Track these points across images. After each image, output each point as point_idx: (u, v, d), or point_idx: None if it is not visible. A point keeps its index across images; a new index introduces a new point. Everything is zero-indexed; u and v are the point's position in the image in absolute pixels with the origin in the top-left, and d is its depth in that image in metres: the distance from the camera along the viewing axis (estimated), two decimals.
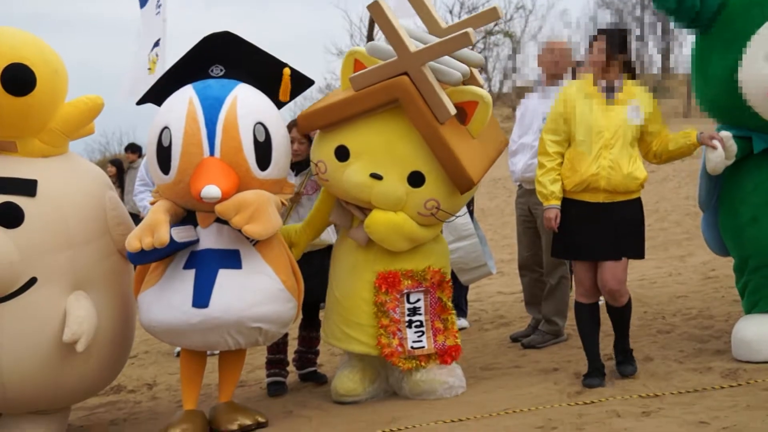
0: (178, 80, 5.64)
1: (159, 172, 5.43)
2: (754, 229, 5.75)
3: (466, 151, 5.47)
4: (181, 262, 5.36)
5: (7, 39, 5.21)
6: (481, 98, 5.52)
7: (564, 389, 5.57)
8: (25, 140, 5.38)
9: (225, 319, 5.21)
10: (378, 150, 5.52)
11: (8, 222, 5.10)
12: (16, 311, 5.14)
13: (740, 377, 5.36)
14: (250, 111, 5.41)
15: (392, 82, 5.37)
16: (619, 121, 5.40)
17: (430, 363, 5.68)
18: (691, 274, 9.00)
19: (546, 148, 5.53)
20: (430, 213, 5.56)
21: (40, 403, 5.41)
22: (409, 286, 5.71)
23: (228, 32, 5.66)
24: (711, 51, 5.80)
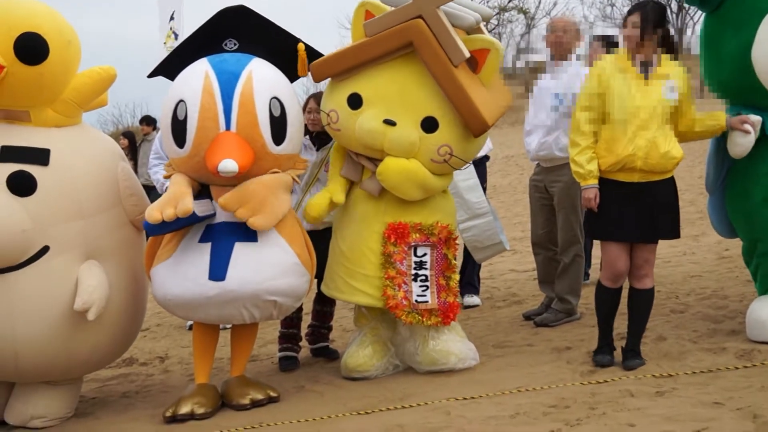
0: (191, 54, 5.62)
1: (173, 145, 5.42)
2: (765, 209, 5.71)
3: (479, 96, 5.49)
4: (197, 235, 5.36)
5: (21, 9, 5.22)
6: (493, 45, 5.58)
7: (577, 368, 5.57)
8: (39, 110, 5.40)
9: (241, 292, 5.22)
10: (391, 96, 5.55)
11: (21, 190, 5.14)
12: (29, 279, 5.18)
13: (755, 358, 5.36)
14: (265, 86, 5.41)
15: (407, 24, 5.40)
16: (655, 100, 5.31)
17: (432, 319, 5.67)
18: (705, 254, 9.00)
19: (580, 126, 5.43)
20: (443, 159, 5.58)
21: (52, 372, 5.44)
22: (417, 239, 5.73)
23: (243, 6, 5.63)
24: (722, 31, 5.77)
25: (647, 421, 4.44)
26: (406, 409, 5.10)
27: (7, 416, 5.57)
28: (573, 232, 6.80)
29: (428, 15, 5.35)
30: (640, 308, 5.55)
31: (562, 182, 6.75)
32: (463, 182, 6.95)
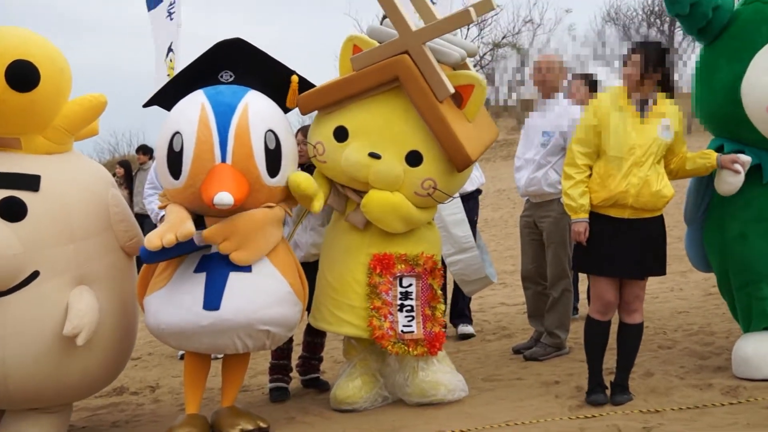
0: (187, 85, 5.65)
1: (169, 176, 5.43)
2: (741, 245, 5.76)
3: (463, 131, 5.51)
4: (192, 265, 5.36)
5: (13, 37, 5.28)
6: (477, 81, 5.60)
7: (565, 402, 5.57)
8: (29, 137, 5.43)
9: (236, 321, 5.21)
10: (376, 130, 5.57)
11: (11, 216, 5.15)
12: (20, 304, 5.17)
13: (740, 395, 5.37)
14: (261, 118, 5.43)
15: (393, 60, 5.43)
16: (651, 138, 5.34)
17: (418, 349, 5.66)
18: (693, 290, 9.01)
19: (575, 159, 5.44)
20: (427, 193, 5.58)
21: (42, 398, 5.41)
22: (403, 270, 5.73)
23: (239, 39, 5.67)
24: (717, 62, 5.82)
25: None
26: None
27: None
28: (562, 266, 6.81)
29: (414, 51, 5.39)
30: (630, 343, 5.55)
31: (552, 217, 6.78)
32: (449, 216, 6.98)
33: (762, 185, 5.65)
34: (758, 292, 5.75)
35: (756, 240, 5.70)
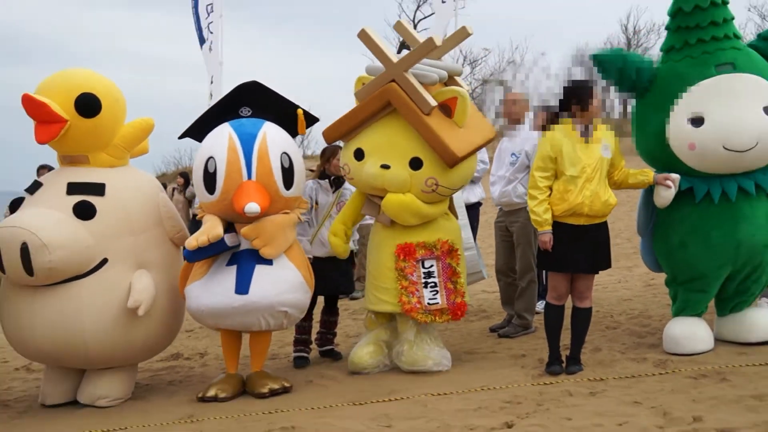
0: (215, 119, 5.70)
1: (205, 192, 5.50)
2: (682, 251, 5.72)
3: (450, 135, 5.53)
4: (225, 260, 5.45)
5: (79, 75, 5.48)
6: (459, 93, 5.63)
7: (529, 372, 5.56)
8: (95, 154, 5.57)
9: (261, 303, 5.28)
10: (384, 146, 5.64)
11: (84, 216, 5.29)
12: (94, 285, 5.29)
13: (668, 366, 5.35)
14: (276, 143, 5.52)
15: (384, 88, 5.54)
16: (596, 158, 5.33)
17: (443, 317, 5.72)
18: (636, 282, 8.95)
19: (537, 183, 5.39)
20: (432, 189, 5.62)
21: (113, 359, 5.51)
22: (423, 254, 5.76)
23: (256, 81, 5.76)
24: (646, 112, 5.79)
25: (581, 416, 4.44)
26: (392, 402, 5.09)
27: (78, 397, 5.63)
28: (528, 262, 6.77)
29: (398, 78, 5.50)
30: (581, 324, 5.53)
31: (520, 222, 6.75)
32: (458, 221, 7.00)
33: (695, 204, 5.60)
34: (695, 287, 5.73)
35: (693, 247, 5.64)
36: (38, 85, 5.41)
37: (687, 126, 5.48)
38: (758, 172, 5.58)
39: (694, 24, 5.59)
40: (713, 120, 5.42)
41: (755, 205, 5.58)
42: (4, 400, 6.10)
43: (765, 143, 5.44)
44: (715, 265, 5.62)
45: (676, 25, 5.71)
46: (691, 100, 5.49)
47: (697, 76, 5.51)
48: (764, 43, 5.75)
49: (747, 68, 5.52)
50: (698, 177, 5.58)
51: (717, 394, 4.65)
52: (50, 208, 5.27)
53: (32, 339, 5.35)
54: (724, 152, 5.43)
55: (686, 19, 5.62)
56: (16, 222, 5.11)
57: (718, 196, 5.54)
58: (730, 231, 5.55)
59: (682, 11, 5.64)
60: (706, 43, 5.58)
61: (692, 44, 5.61)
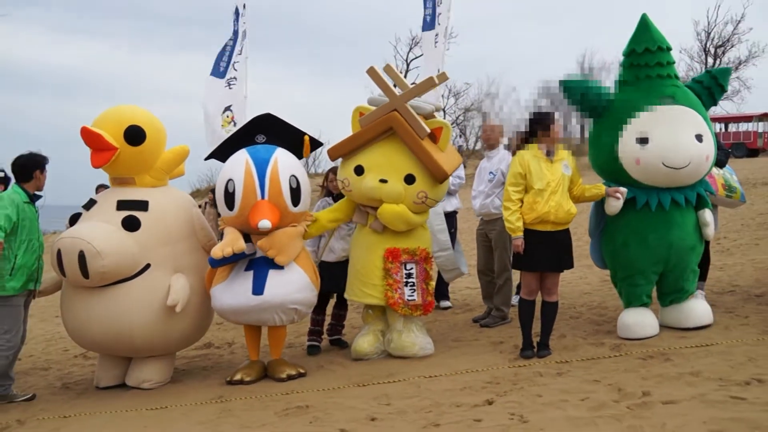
0: (235, 144, 5.72)
1: (225, 209, 5.52)
2: (624, 250, 5.78)
3: (439, 157, 5.62)
4: (243, 266, 5.48)
5: (127, 110, 5.51)
6: (444, 124, 5.78)
7: (506, 356, 5.58)
8: (140, 176, 5.61)
9: (274, 302, 5.31)
10: (382, 163, 5.67)
11: (131, 228, 5.35)
12: (139, 286, 5.33)
13: (622, 350, 5.38)
14: (286, 167, 5.52)
15: (387, 116, 5.62)
16: (558, 174, 5.40)
17: (417, 311, 5.75)
18: (594, 278, 8.95)
19: (510, 196, 5.43)
20: (422, 201, 5.68)
21: (155, 348, 5.55)
22: (406, 258, 5.80)
23: (269, 113, 5.80)
24: (601, 132, 5.85)
25: (550, 393, 4.48)
26: (391, 384, 5.11)
27: (127, 380, 5.67)
28: (504, 263, 6.78)
29: (400, 108, 5.59)
30: (549, 315, 5.57)
31: (497, 230, 6.77)
32: (436, 226, 6.99)
33: (636, 211, 5.66)
34: (635, 281, 5.77)
35: (633, 247, 5.70)
36: (94, 119, 5.45)
37: (635, 144, 5.56)
38: (688, 189, 5.70)
39: (644, 63, 5.70)
40: (656, 141, 5.52)
41: (685, 214, 5.69)
42: (66, 383, 6.13)
43: (696, 163, 5.58)
44: (650, 262, 5.68)
45: (629, 63, 5.81)
46: (639, 124, 5.58)
47: (645, 104, 5.62)
48: (697, 85, 5.90)
49: (684, 102, 5.66)
50: (640, 188, 5.66)
51: (662, 372, 4.70)
52: (103, 222, 5.31)
53: (88, 332, 5.39)
54: (664, 168, 5.52)
55: (638, 59, 5.74)
56: (74, 233, 5.17)
57: (654, 205, 5.62)
58: (664, 234, 5.63)
59: (634, 52, 5.75)
60: (653, 79, 5.69)
61: (641, 79, 5.71)
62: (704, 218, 5.75)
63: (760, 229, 11.81)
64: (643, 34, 5.73)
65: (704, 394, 4.16)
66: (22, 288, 5.45)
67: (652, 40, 5.70)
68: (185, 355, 6.67)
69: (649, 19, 5.78)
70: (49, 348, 7.86)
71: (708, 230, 5.78)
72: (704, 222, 5.75)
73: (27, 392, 5.73)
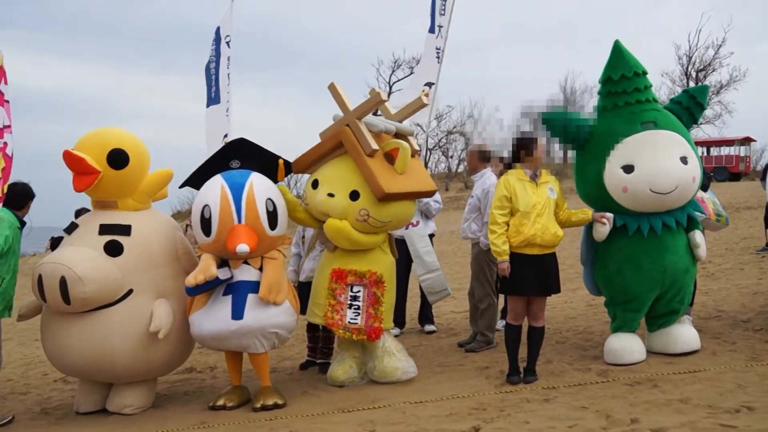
0: (210, 171, 5.67)
1: (202, 235, 5.44)
2: (618, 276, 5.79)
3: (384, 175, 5.56)
4: (221, 291, 5.39)
5: (111, 133, 5.47)
6: (401, 145, 5.67)
7: (492, 382, 5.56)
8: (123, 199, 5.55)
9: (254, 326, 5.25)
10: (333, 178, 5.67)
11: (113, 253, 5.28)
12: (121, 312, 5.25)
13: (609, 376, 5.38)
14: (262, 191, 5.46)
15: (339, 130, 5.66)
16: (544, 197, 5.42)
17: (360, 336, 5.65)
18: (579, 302, 8.97)
19: (496, 219, 5.43)
20: (363, 219, 5.58)
21: (137, 374, 5.47)
22: (353, 280, 5.72)
23: (243, 138, 5.78)
24: (585, 162, 5.88)
25: (537, 420, 4.46)
26: (375, 410, 5.07)
27: (107, 405, 5.59)
28: (484, 288, 6.76)
29: (351, 124, 5.61)
30: (536, 340, 5.55)
31: (473, 255, 6.80)
32: (422, 248, 7.02)
33: (628, 237, 5.68)
34: (630, 307, 5.79)
35: (627, 273, 5.72)
36: (77, 142, 5.41)
37: (620, 173, 5.60)
38: (677, 211, 5.73)
39: (622, 90, 5.75)
40: (641, 168, 5.56)
41: (676, 237, 5.72)
42: (45, 408, 6.03)
43: (683, 186, 5.62)
44: (646, 287, 5.70)
45: (607, 90, 5.85)
46: (623, 152, 5.61)
47: (627, 131, 5.65)
48: (676, 106, 5.95)
49: (665, 125, 5.70)
50: (629, 215, 5.69)
51: (650, 398, 4.70)
52: (85, 246, 5.25)
53: (68, 357, 5.32)
54: (651, 194, 5.56)
55: (615, 86, 5.78)
56: (56, 258, 5.11)
57: (647, 231, 5.64)
58: (658, 259, 5.65)
59: (611, 79, 5.79)
60: (632, 105, 5.73)
61: (621, 106, 5.75)
62: (695, 239, 5.79)
63: (744, 254, 11.92)
64: (618, 61, 5.77)
65: (693, 421, 4.16)
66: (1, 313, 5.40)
67: (627, 66, 5.74)
68: (167, 380, 6.59)
69: (623, 45, 5.82)
70: (28, 372, 7.73)
71: (700, 251, 5.81)
72: (695, 243, 5.79)
73: (5, 416, 5.63)
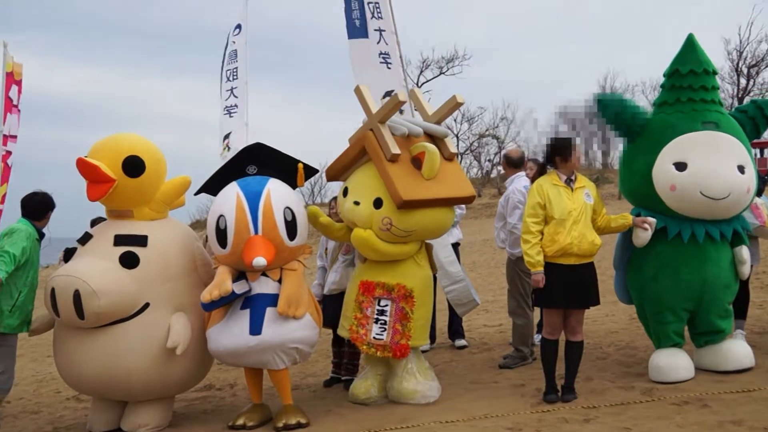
0: (226, 177, 5.69)
1: (218, 247, 5.46)
2: (653, 284, 5.73)
3: (405, 182, 5.48)
4: (239, 305, 5.39)
5: (125, 139, 5.49)
6: (426, 148, 5.55)
7: (528, 401, 5.49)
8: (139, 209, 5.57)
9: (273, 341, 5.24)
10: (360, 186, 5.68)
11: (129, 264, 5.29)
12: (138, 326, 5.27)
13: (654, 394, 5.30)
14: (280, 199, 5.46)
15: (362, 134, 5.70)
16: (580, 203, 5.36)
17: (384, 353, 5.58)
18: (621, 315, 8.86)
19: (529, 228, 5.37)
20: (386, 228, 5.53)
21: (153, 392, 5.47)
22: (381, 294, 5.68)
23: (259, 143, 5.80)
24: (635, 154, 5.82)
25: None
26: (404, 429, 5.04)
27: (122, 425, 5.59)
28: (517, 301, 6.73)
29: (374, 128, 5.62)
30: (574, 355, 5.48)
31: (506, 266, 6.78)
32: (445, 258, 6.98)
33: (667, 241, 5.63)
34: (664, 319, 5.71)
35: (663, 281, 5.66)
36: (90, 148, 5.46)
37: (671, 169, 5.53)
38: (723, 223, 5.65)
39: (687, 85, 5.71)
40: (695, 167, 5.49)
41: (720, 250, 5.66)
42: (57, 427, 6.09)
43: (736, 195, 5.53)
44: (681, 298, 5.64)
45: (671, 84, 5.81)
46: (678, 148, 5.56)
47: (685, 128, 5.61)
48: (741, 114, 5.92)
49: (727, 130, 5.65)
50: (672, 218, 5.63)
51: (699, 419, 4.61)
52: (99, 258, 5.29)
53: (82, 374, 5.35)
54: (701, 197, 5.48)
55: (681, 80, 5.74)
56: (69, 271, 5.14)
57: (687, 237, 5.58)
58: (698, 269, 5.59)
59: (678, 72, 5.75)
60: (696, 102, 5.69)
61: (683, 101, 5.71)
62: (741, 256, 5.71)
63: None
64: (689, 55, 5.74)
65: None
66: (18, 328, 5.51)
67: (698, 61, 5.70)
68: (184, 398, 6.61)
69: (696, 39, 5.78)
70: (40, 390, 7.84)
71: (744, 269, 5.74)
72: (741, 260, 5.71)
73: None
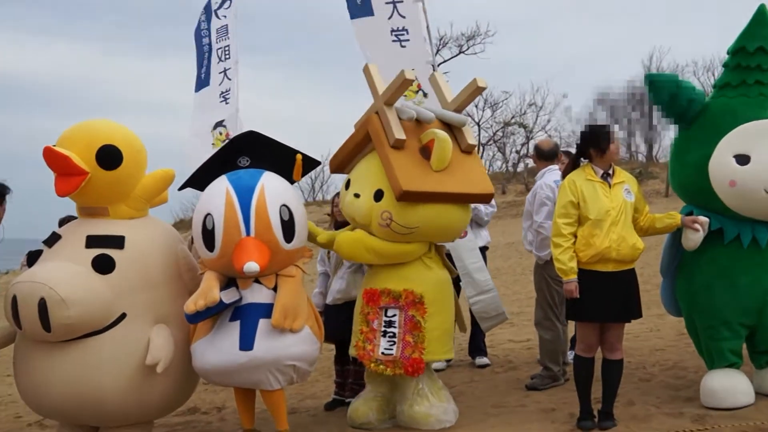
0: (214, 170, 5.70)
1: (204, 249, 5.46)
2: (706, 294, 5.70)
3: (408, 171, 5.49)
4: (228, 316, 5.39)
5: (100, 127, 5.44)
6: (436, 135, 5.55)
7: (560, 428, 5.48)
8: (115, 206, 5.53)
9: (267, 358, 5.24)
10: (362, 177, 5.73)
11: (103, 269, 5.24)
12: (112, 340, 5.22)
13: (707, 422, 5.26)
14: (275, 196, 5.45)
15: (367, 118, 5.75)
16: (620, 201, 5.33)
17: (395, 369, 5.55)
18: (668, 330, 8.83)
19: (561, 230, 5.34)
20: (386, 223, 5.52)
21: (130, 416, 5.43)
22: (387, 302, 5.66)
23: (252, 131, 5.82)
24: (689, 143, 5.78)
25: None
26: None
27: None
28: (545, 312, 6.73)
29: (379, 109, 5.67)
30: (613, 376, 5.45)
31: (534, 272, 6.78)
32: (472, 264, 6.97)
33: (724, 245, 5.60)
34: (718, 334, 5.67)
35: (718, 291, 5.62)
36: (59, 137, 5.42)
37: (731, 162, 5.49)
38: None
39: (755, 65, 5.63)
40: (759, 161, 5.45)
41: None
42: None
43: None
44: (739, 311, 5.60)
45: (736, 63, 5.73)
46: (740, 138, 5.51)
47: (751, 115, 5.55)
48: None
49: None
50: (730, 218, 5.59)
51: None
52: (69, 262, 5.25)
53: (47, 395, 5.31)
54: (765, 196, 5.45)
55: (747, 59, 5.66)
56: (34, 277, 5.10)
57: (747, 241, 5.54)
58: (759, 279, 5.57)
59: (744, 50, 5.66)
60: (764, 85, 5.63)
61: (750, 84, 5.64)
62: None
63: None
64: (759, 29, 5.63)
65: None
66: None
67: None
68: (165, 423, 6.62)
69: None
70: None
71: None
72: None
73: None
